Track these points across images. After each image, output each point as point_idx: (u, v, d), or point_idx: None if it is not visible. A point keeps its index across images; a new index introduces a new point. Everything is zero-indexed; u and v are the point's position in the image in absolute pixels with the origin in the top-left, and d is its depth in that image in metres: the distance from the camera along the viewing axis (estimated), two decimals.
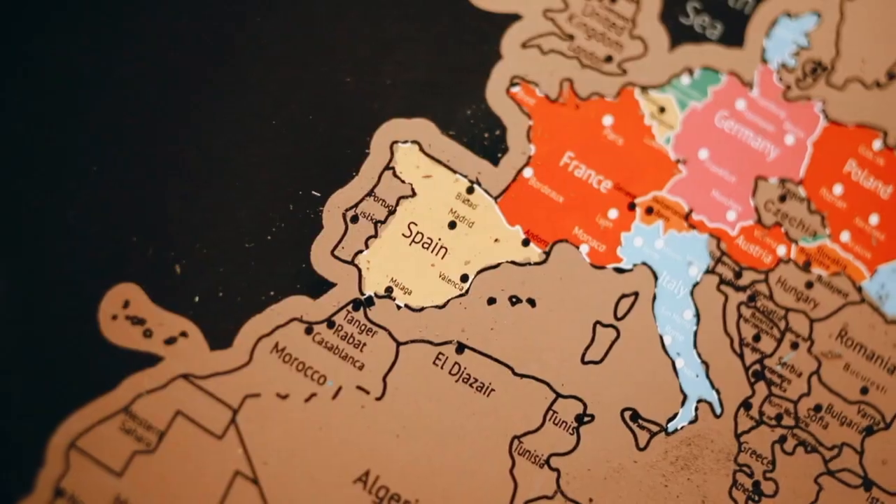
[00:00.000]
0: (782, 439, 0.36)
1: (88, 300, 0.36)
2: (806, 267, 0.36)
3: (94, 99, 0.36)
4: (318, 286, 0.36)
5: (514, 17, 0.37)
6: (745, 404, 0.36)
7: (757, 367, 0.36)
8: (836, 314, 0.36)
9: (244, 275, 0.36)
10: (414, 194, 0.36)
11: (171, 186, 0.36)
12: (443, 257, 0.36)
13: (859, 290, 0.36)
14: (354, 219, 0.36)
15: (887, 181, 0.37)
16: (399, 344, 0.36)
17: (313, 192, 0.36)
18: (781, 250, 0.36)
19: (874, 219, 0.36)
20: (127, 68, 0.36)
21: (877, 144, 0.37)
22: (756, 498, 0.35)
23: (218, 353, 0.36)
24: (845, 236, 0.36)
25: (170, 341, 0.35)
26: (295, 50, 0.36)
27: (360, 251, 0.36)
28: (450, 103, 0.36)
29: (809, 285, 0.36)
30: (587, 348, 0.36)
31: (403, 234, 0.36)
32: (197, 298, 0.35)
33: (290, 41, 0.36)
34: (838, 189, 0.36)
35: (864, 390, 0.36)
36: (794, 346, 0.36)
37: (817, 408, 0.36)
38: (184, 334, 0.35)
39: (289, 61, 0.36)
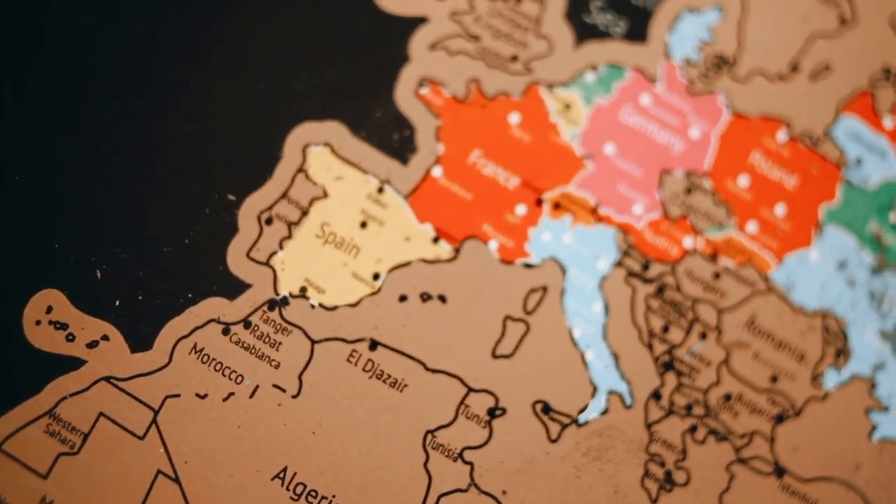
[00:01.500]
0: (693, 428, 0.36)
1: (12, 306, 0.36)
2: (713, 258, 0.36)
3: (11, 107, 0.37)
4: (234, 287, 0.37)
5: (422, 20, 0.37)
6: (656, 395, 0.36)
7: (666, 357, 0.36)
8: (743, 304, 0.36)
9: (163, 278, 0.36)
10: (326, 196, 0.36)
11: (92, 194, 0.37)
12: (355, 256, 0.36)
13: (766, 279, 0.36)
14: (269, 221, 0.36)
15: (792, 171, 0.37)
16: (314, 342, 0.36)
17: (229, 196, 0.37)
18: (688, 242, 0.36)
19: (780, 209, 0.37)
20: (41, 77, 0.37)
21: (781, 135, 0.37)
22: (668, 487, 0.36)
23: (139, 356, 0.36)
24: (752, 227, 0.36)
25: (92, 345, 0.36)
26: (209, 56, 0.37)
27: (275, 252, 0.36)
28: (360, 106, 0.37)
29: (717, 276, 0.36)
30: (498, 342, 0.36)
31: (316, 235, 0.36)
32: (118, 302, 0.36)
33: (204, 47, 0.37)
34: (744, 180, 0.37)
35: (774, 378, 0.36)
36: (703, 336, 0.36)
37: (727, 397, 0.36)
38: (105, 338, 0.36)
39: (203, 68, 0.37)
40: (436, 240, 0.38)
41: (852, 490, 0.38)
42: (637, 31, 0.39)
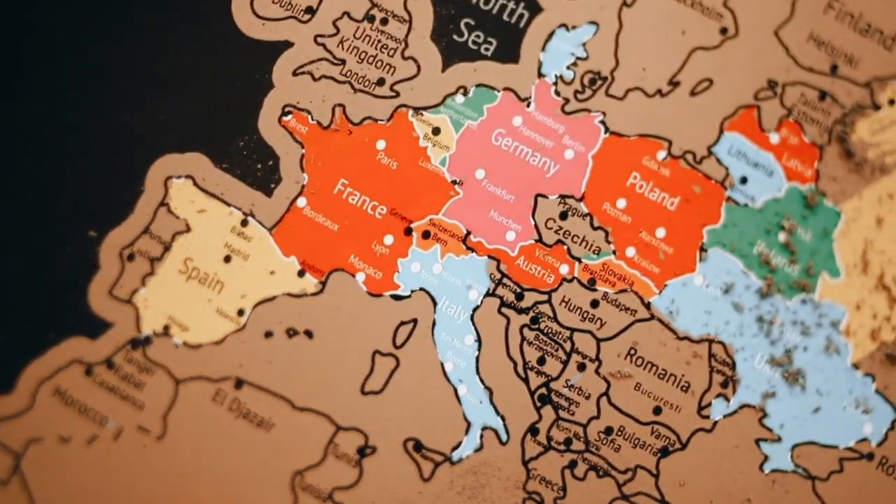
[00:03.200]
0: (573, 464, 0.34)
1: None
2: (591, 285, 0.34)
3: None
4: (96, 327, 0.35)
5: (286, 45, 0.35)
6: (532, 430, 0.34)
7: (543, 390, 0.34)
8: (624, 332, 0.34)
9: (24, 319, 0.35)
10: (189, 230, 0.34)
11: None
12: (219, 292, 0.34)
13: (648, 306, 0.34)
14: (131, 257, 0.35)
15: (674, 192, 0.34)
16: (178, 382, 0.34)
17: (90, 233, 0.35)
18: (564, 269, 0.34)
19: (661, 232, 0.34)
20: None
21: (661, 155, 0.35)
22: None
23: (0, 399, 0.34)
24: (631, 251, 0.34)
25: None
26: (67, 88, 0.35)
27: (138, 289, 0.34)
28: (223, 136, 0.35)
29: (595, 304, 0.34)
30: (367, 378, 0.34)
31: (179, 271, 0.35)
32: None
33: (61, 79, 0.35)
34: (622, 203, 0.34)
35: (657, 410, 0.34)
36: (581, 367, 0.34)
37: (608, 430, 0.34)
38: None
39: (61, 100, 0.35)
40: (301, 273, 0.36)
41: None
42: (508, 50, 0.37)
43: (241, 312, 0.39)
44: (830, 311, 0.39)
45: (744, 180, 0.39)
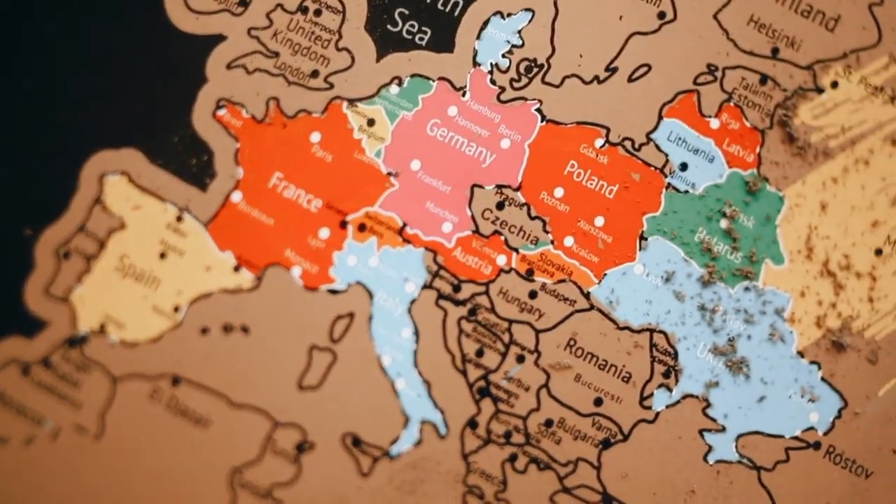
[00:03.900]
0: (513, 457, 0.33)
1: None
2: (529, 276, 0.34)
3: None
4: (33, 326, 0.34)
5: (219, 38, 0.34)
6: (472, 423, 0.33)
7: (482, 383, 0.33)
8: (563, 323, 0.34)
9: None
10: (124, 227, 0.34)
11: None
12: (155, 289, 0.34)
13: (587, 296, 0.34)
14: (67, 255, 0.34)
15: (612, 180, 0.34)
16: (115, 380, 0.34)
17: (25, 231, 0.34)
18: (501, 260, 0.34)
19: (599, 221, 0.34)
20: None
21: (599, 142, 0.34)
22: None
23: None
24: (569, 241, 0.34)
25: None
26: (0, 86, 0.35)
27: (74, 288, 0.34)
28: (157, 131, 0.34)
29: (533, 295, 0.34)
30: (304, 373, 0.33)
31: (116, 268, 0.34)
32: None
33: None
34: (559, 192, 0.34)
35: (598, 401, 0.34)
36: (520, 359, 0.33)
37: (548, 423, 0.34)
38: None
39: None
40: (237, 268, 0.36)
41: None
42: (443, 39, 0.36)
43: (177, 309, 0.38)
44: (774, 299, 0.38)
45: (684, 167, 0.38)
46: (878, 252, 0.38)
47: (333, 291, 0.39)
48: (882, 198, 0.39)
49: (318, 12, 0.39)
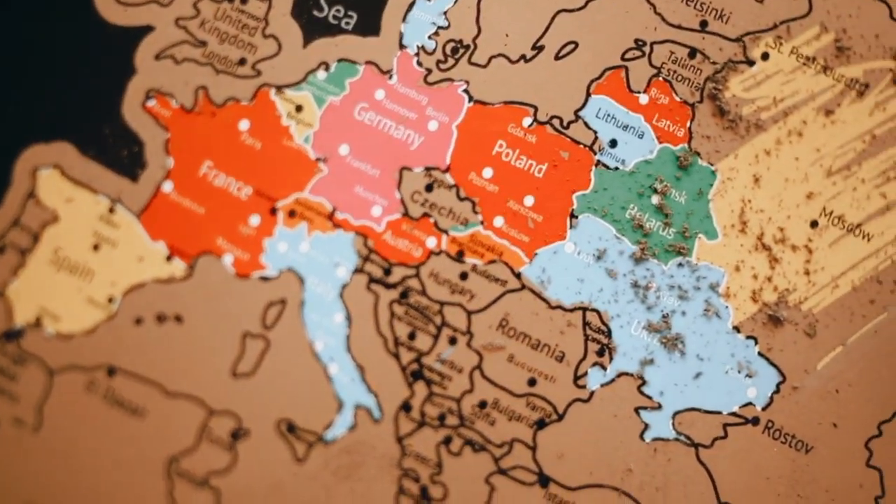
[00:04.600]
0: (447, 440, 0.33)
1: None
2: (459, 257, 0.33)
3: None
4: None
5: (147, 29, 0.34)
6: (405, 406, 0.33)
7: (415, 366, 0.33)
8: (495, 304, 0.33)
9: None
10: (57, 220, 0.34)
11: None
12: (90, 281, 0.34)
13: (518, 276, 0.33)
14: (2, 249, 0.35)
15: (541, 159, 0.34)
16: (52, 373, 0.34)
17: None
18: (431, 242, 0.34)
19: (529, 200, 0.34)
20: None
21: (527, 121, 0.34)
22: (425, 503, 0.33)
23: None
24: (499, 221, 0.33)
25: None
26: None
27: (9, 282, 0.34)
28: (88, 124, 0.34)
29: (464, 276, 0.33)
30: (237, 361, 0.33)
31: (50, 261, 0.34)
32: None
33: None
34: (488, 172, 0.34)
35: (532, 382, 0.33)
36: (453, 341, 0.33)
37: (482, 404, 0.33)
38: None
39: None
40: (169, 258, 0.36)
41: (625, 496, 0.35)
42: (369, 23, 0.36)
43: (111, 300, 0.38)
44: (708, 274, 0.37)
45: (613, 143, 0.38)
46: (814, 224, 0.38)
47: (265, 278, 0.38)
48: (816, 169, 0.38)
49: (244, 0, 0.39)
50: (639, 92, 0.38)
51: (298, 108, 0.39)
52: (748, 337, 0.38)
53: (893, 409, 0.37)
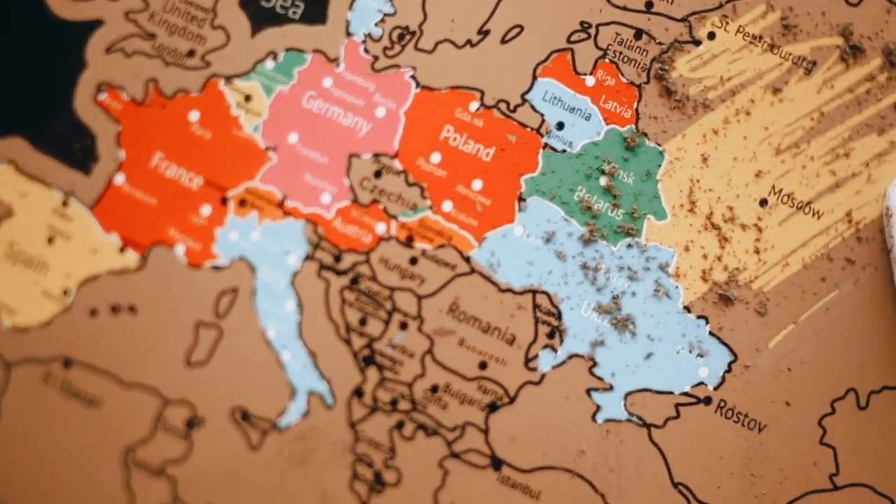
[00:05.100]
0: (400, 424, 0.33)
1: None
2: (409, 242, 0.33)
3: None
4: None
5: (97, 23, 0.35)
6: (358, 392, 0.34)
7: (366, 351, 0.34)
8: (445, 288, 0.34)
9: None
10: (12, 214, 0.34)
11: None
12: (45, 274, 0.34)
13: (468, 260, 0.34)
14: None
15: (489, 143, 0.34)
16: (9, 366, 0.34)
17: None
18: (381, 228, 0.34)
19: (477, 184, 0.34)
20: None
21: (473, 106, 0.34)
22: (379, 489, 0.33)
23: None
24: (447, 206, 0.34)
25: None
26: None
27: None
28: (41, 118, 0.35)
29: (414, 261, 0.34)
30: (191, 350, 0.33)
31: (6, 255, 0.34)
32: None
33: None
34: (436, 157, 0.34)
35: (483, 365, 0.34)
36: (404, 326, 0.33)
37: (434, 388, 0.34)
38: None
39: None
40: (122, 249, 0.36)
41: (578, 477, 0.35)
42: (316, 12, 0.36)
43: (66, 293, 0.39)
44: (658, 254, 0.37)
45: (560, 126, 0.38)
46: (763, 203, 0.38)
47: (217, 267, 0.39)
48: (765, 147, 0.38)
49: None
50: (585, 74, 0.38)
51: (247, 98, 0.39)
52: (699, 317, 0.38)
53: (846, 386, 0.37)
